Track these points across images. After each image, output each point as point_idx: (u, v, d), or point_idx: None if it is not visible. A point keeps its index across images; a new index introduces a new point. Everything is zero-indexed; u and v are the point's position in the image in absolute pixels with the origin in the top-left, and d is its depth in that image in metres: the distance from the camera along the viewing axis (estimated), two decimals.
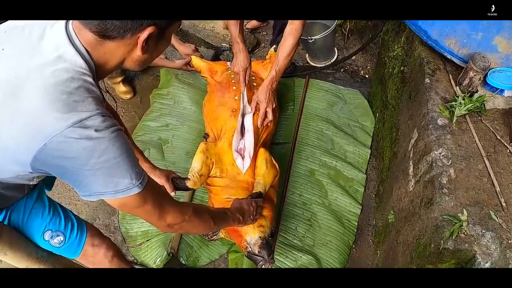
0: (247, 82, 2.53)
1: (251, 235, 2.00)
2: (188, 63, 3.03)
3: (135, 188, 1.07)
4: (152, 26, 1.00)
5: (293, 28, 2.26)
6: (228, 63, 2.93)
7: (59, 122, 0.95)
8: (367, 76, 3.45)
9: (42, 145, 0.97)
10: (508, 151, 1.81)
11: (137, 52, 1.06)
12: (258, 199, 1.96)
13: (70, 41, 1.02)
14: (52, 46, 1.02)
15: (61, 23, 1.05)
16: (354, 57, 3.46)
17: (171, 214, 1.25)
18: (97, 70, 1.08)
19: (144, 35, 1.01)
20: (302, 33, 2.31)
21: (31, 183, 1.33)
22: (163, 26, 1.04)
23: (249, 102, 2.45)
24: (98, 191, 1.05)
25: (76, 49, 1.02)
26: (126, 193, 1.06)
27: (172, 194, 1.94)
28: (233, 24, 2.43)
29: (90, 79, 1.03)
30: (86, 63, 1.03)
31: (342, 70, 3.51)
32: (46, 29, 1.06)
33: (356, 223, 2.51)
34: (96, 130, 0.98)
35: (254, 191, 2.09)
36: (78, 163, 0.99)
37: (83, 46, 1.03)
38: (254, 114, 2.39)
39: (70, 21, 1.05)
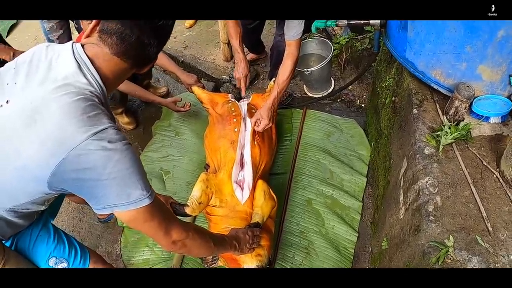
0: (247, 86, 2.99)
1: (249, 263, 2.04)
2: (176, 102, 3.11)
3: (146, 199, 1.14)
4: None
5: (289, 52, 2.50)
6: (230, 95, 3.02)
7: (76, 136, 1.04)
8: (363, 105, 3.52)
9: (60, 159, 1.04)
10: (495, 176, 1.85)
11: (145, 70, 1.28)
12: (254, 229, 2.01)
13: (80, 68, 1.12)
14: (62, 75, 1.12)
15: (67, 53, 1.15)
16: (350, 87, 3.54)
17: (176, 230, 1.30)
18: (107, 90, 1.20)
19: (154, 62, 1.24)
20: (299, 55, 2.54)
21: (41, 208, 1.40)
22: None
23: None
24: (111, 203, 1.11)
25: (84, 74, 1.12)
26: (137, 204, 1.13)
27: None
28: (234, 38, 2.77)
29: (97, 100, 1.14)
30: (95, 88, 1.14)
31: (338, 100, 3.59)
32: (52, 60, 1.16)
33: (353, 251, 2.54)
34: (109, 142, 1.06)
35: (252, 221, 2.14)
36: (95, 174, 1.07)
37: (97, 71, 1.14)
38: (252, 147, 2.48)
39: (78, 51, 1.16)
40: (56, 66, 1.14)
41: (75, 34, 3.45)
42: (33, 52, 1.22)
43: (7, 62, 2.08)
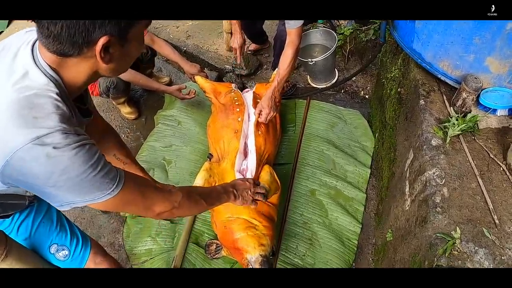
0: (243, 56, 3.29)
1: (252, 253, 2.05)
2: (181, 89, 3.09)
3: (106, 196, 1.07)
4: (104, 36, 0.98)
5: (290, 41, 2.50)
6: (233, 85, 3.02)
7: (18, 137, 0.95)
8: (367, 96, 3.51)
9: (5, 161, 0.97)
10: (501, 169, 1.85)
11: (101, 62, 1.04)
12: (255, 180, 1.87)
13: (34, 60, 1.04)
14: (21, 64, 1.04)
15: (31, 42, 1.07)
16: (354, 78, 3.52)
17: (159, 204, 1.26)
18: (70, 85, 1.08)
19: (98, 47, 0.99)
20: (300, 43, 2.53)
21: (26, 194, 1.37)
22: (118, 33, 1.01)
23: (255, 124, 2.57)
24: (67, 201, 1.05)
25: (39, 68, 1.03)
26: (97, 201, 1.07)
27: None
28: None
29: (55, 96, 1.02)
30: (51, 81, 1.03)
31: (342, 91, 3.58)
32: (20, 48, 1.08)
33: (356, 242, 2.54)
34: (54, 148, 0.96)
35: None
36: (39, 181, 0.99)
37: (48, 64, 1.03)
38: (256, 136, 2.47)
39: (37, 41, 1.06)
40: (20, 54, 1.07)
41: None
42: (10, 39, 1.15)
43: None
